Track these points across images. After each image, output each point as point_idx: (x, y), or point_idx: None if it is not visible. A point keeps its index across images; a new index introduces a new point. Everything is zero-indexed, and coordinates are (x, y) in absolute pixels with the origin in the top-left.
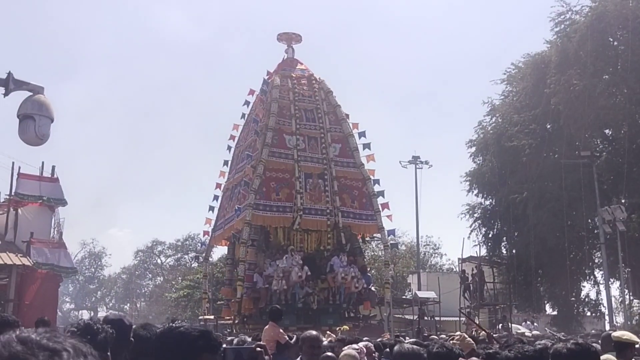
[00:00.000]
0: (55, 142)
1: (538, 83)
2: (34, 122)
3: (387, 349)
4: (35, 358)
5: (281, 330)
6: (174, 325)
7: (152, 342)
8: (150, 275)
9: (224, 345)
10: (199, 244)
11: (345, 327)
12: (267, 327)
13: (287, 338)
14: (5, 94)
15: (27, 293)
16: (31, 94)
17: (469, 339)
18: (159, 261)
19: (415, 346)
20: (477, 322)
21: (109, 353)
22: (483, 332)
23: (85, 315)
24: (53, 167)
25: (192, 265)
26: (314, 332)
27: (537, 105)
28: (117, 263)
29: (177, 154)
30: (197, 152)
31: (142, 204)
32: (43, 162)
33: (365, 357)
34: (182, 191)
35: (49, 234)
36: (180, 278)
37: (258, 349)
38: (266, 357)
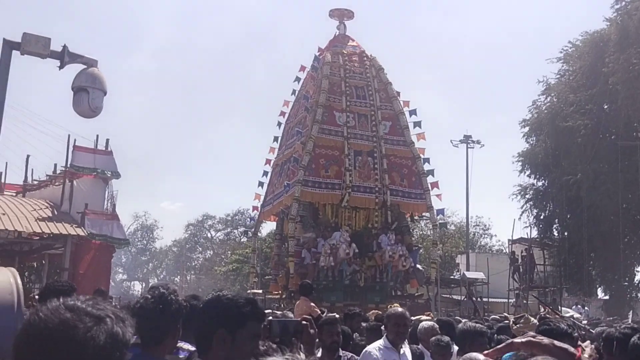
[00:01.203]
0: (109, 114)
1: (596, 62)
2: (88, 95)
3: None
4: (82, 324)
5: (313, 304)
6: (220, 293)
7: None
8: (200, 248)
9: (270, 318)
10: (248, 219)
11: (396, 304)
12: (299, 301)
13: (319, 312)
14: (60, 67)
15: (81, 263)
16: (85, 67)
17: (534, 320)
18: (209, 235)
19: (478, 324)
20: (547, 305)
21: (179, 326)
22: (556, 315)
23: (137, 286)
24: (107, 140)
25: (242, 240)
26: (399, 309)
27: (594, 85)
28: (169, 236)
29: (229, 129)
30: (247, 127)
31: (194, 178)
32: (98, 135)
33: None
34: (233, 166)
35: (102, 206)
36: (229, 252)
37: (304, 322)
38: (312, 331)
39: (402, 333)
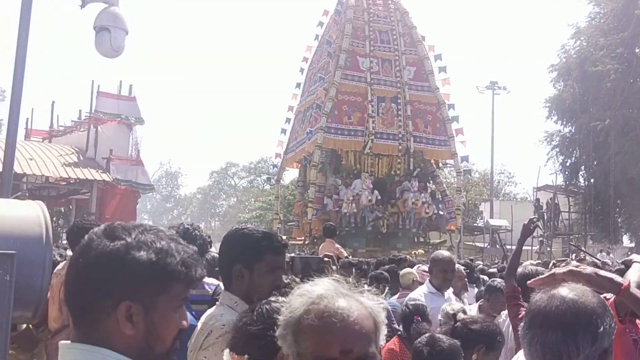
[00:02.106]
0: (132, 59)
1: (628, 4)
2: (109, 34)
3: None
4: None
5: (338, 246)
6: (239, 226)
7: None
8: (224, 196)
9: (293, 255)
10: (271, 167)
11: (421, 250)
12: (324, 243)
13: (345, 254)
14: (82, 5)
15: (107, 207)
16: (106, 5)
17: (575, 263)
18: (232, 182)
19: (539, 267)
20: (585, 251)
21: (204, 260)
22: (594, 259)
23: None
24: (130, 86)
25: (265, 188)
26: (445, 253)
27: (626, 28)
28: (193, 183)
29: (251, 75)
30: (270, 74)
31: (217, 126)
32: (121, 81)
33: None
34: (256, 114)
35: (127, 152)
36: (252, 199)
37: (326, 259)
38: (333, 267)
39: (448, 279)
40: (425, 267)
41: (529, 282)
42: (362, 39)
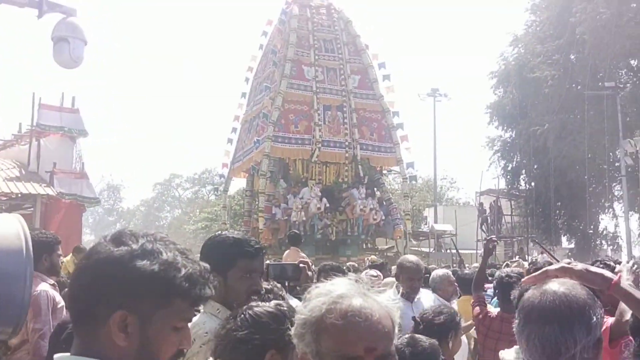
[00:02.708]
0: (75, 71)
1: (563, 12)
2: (69, 45)
3: None
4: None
5: (303, 254)
6: (214, 234)
7: None
8: (168, 207)
9: (267, 262)
10: (217, 177)
11: (373, 257)
12: (288, 251)
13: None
14: (39, 16)
15: (51, 222)
16: (65, 16)
17: (526, 264)
18: (176, 194)
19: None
20: (547, 250)
21: None
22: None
23: None
24: (73, 98)
25: (210, 198)
26: (412, 259)
27: (561, 35)
28: (136, 196)
29: (194, 85)
30: (213, 84)
31: (160, 137)
32: (63, 93)
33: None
34: (200, 125)
35: (71, 165)
36: (198, 211)
37: (301, 264)
38: (309, 273)
39: (415, 287)
40: (374, 272)
41: (523, 280)
42: (307, 48)
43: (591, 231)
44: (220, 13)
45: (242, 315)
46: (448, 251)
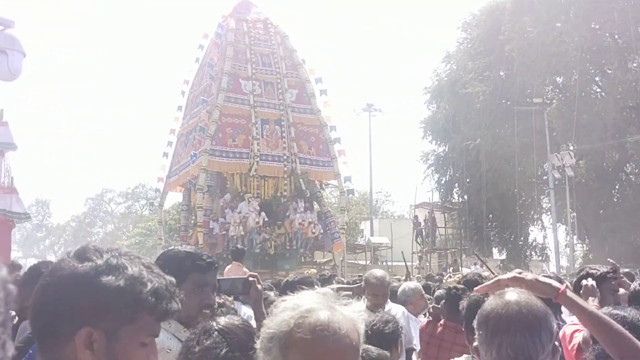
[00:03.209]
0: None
1: (492, 30)
2: (7, 57)
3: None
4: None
5: (245, 269)
6: (168, 249)
7: None
8: (100, 223)
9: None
10: (152, 191)
11: (313, 270)
12: (230, 266)
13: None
14: None
15: None
16: (2, 27)
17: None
18: (109, 209)
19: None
20: (484, 262)
21: None
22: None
23: (33, 263)
24: (1, 111)
25: (144, 213)
26: (379, 274)
27: (491, 53)
28: (67, 211)
29: (127, 99)
30: (148, 96)
31: (92, 151)
32: None
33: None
34: (132, 138)
35: None
36: (131, 226)
37: (251, 278)
38: (259, 286)
39: (380, 303)
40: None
41: (475, 288)
42: (244, 61)
43: (521, 242)
44: (156, 26)
45: (216, 332)
46: (384, 263)
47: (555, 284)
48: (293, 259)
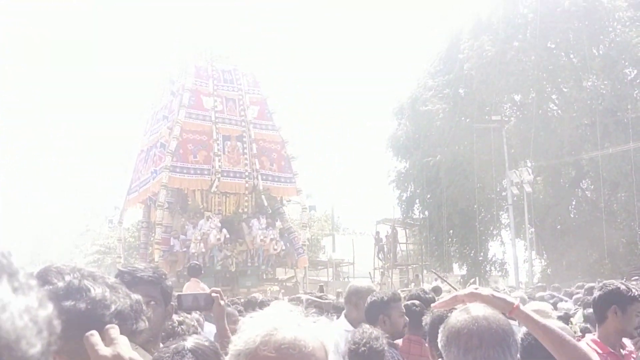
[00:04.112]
0: None
1: (452, 48)
2: None
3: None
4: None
5: (203, 286)
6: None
7: None
8: (57, 239)
9: (178, 293)
10: (112, 208)
11: (276, 287)
12: (188, 283)
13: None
14: None
15: None
16: None
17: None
18: (66, 226)
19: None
20: (443, 279)
21: None
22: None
23: None
24: None
25: (102, 230)
26: (364, 285)
27: (450, 71)
28: (23, 227)
29: (89, 114)
30: (110, 113)
31: (51, 165)
32: None
33: None
34: (91, 152)
35: None
36: (89, 243)
37: (214, 294)
38: (222, 302)
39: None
40: (285, 304)
41: (433, 304)
42: (205, 78)
43: (481, 257)
44: (118, 39)
45: (189, 352)
46: (346, 279)
47: (510, 299)
48: (254, 276)
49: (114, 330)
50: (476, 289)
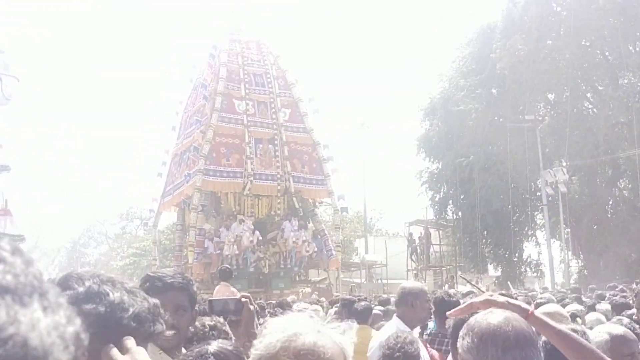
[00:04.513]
0: None
1: (484, 48)
2: (1, 82)
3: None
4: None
5: (233, 289)
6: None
7: None
8: (94, 243)
9: (210, 298)
10: (147, 211)
11: (308, 289)
12: (219, 286)
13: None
14: None
15: None
16: None
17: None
18: (103, 229)
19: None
20: (472, 283)
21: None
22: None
23: None
24: None
25: (138, 233)
26: (418, 285)
27: (483, 70)
28: (61, 232)
29: (124, 120)
30: (144, 117)
31: (87, 171)
32: None
33: None
34: (128, 159)
35: None
36: (126, 246)
37: (243, 299)
38: (251, 307)
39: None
40: (306, 305)
41: (448, 313)
42: (237, 82)
43: (516, 259)
44: (147, 45)
45: (212, 357)
46: (379, 281)
47: (525, 305)
48: (287, 278)
49: (130, 341)
50: (491, 295)
